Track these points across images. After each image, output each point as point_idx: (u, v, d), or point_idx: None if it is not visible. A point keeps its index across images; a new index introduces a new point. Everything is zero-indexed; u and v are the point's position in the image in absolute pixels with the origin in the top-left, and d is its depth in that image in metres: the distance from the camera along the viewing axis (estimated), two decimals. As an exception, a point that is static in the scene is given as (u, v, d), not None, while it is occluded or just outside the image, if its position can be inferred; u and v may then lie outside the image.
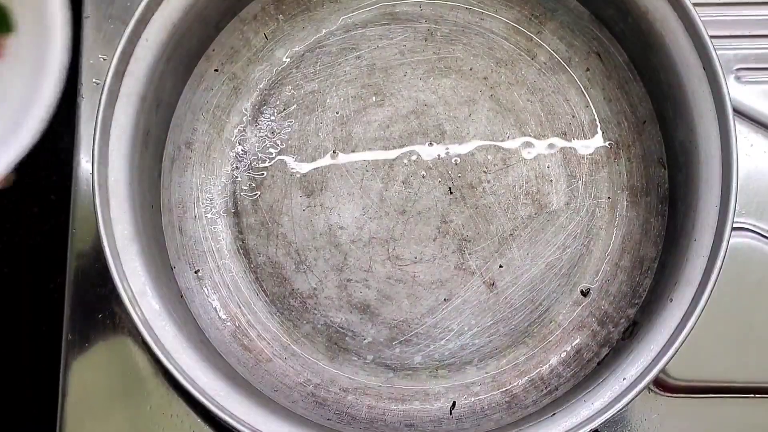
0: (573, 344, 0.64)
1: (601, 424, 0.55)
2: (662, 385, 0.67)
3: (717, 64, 0.56)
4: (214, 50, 0.66)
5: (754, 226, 0.68)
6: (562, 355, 0.63)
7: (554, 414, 0.55)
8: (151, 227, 0.62)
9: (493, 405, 0.63)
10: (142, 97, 0.59)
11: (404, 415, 0.63)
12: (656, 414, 0.67)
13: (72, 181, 0.71)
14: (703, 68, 0.57)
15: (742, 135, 0.69)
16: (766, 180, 0.69)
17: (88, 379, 0.68)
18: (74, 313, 0.69)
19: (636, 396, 0.54)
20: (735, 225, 0.67)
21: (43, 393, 0.78)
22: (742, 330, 0.67)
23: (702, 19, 0.68)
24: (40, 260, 0.82)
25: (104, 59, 0.71)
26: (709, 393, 0.67)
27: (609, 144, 0.66)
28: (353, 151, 0.66)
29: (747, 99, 0.70)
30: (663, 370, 0.66)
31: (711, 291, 0.55)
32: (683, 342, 0.54)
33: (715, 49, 0.57)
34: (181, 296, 0.63)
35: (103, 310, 0.69)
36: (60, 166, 0.83)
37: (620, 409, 0.54)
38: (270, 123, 0.67)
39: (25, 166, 0.83)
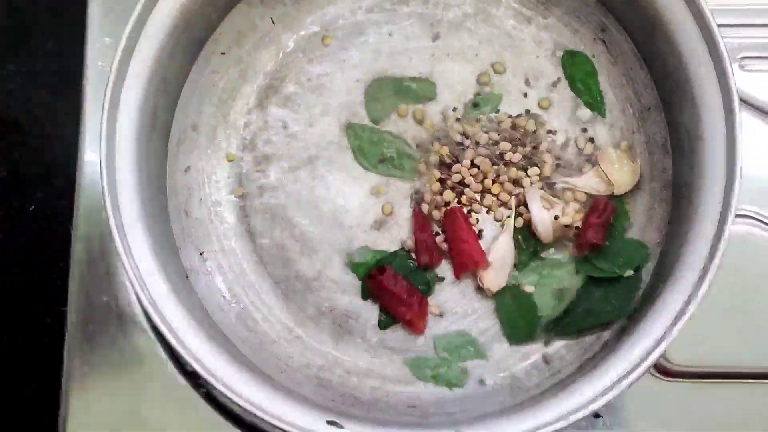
0: (576, 328, 0.64)
1: (603, 406, 0.55)
2: (663, 370, 0.67)
3: (724, 50, 0.57)
4: (221, 34, 0.67)
5: (756, 213, 0.68)
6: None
7: (558, 395, 0.56)
8: (157, 209, 0.62)
9: (497, 387, 0.63)
10: (150, 77, 0.60)
11: (408, 396, 0.63)
12: (657, 399, 0.67)
13: (77, 165, 0.71)
14: (710, 54, 0.58)
15: (746, 123, 0.68)
16: (769, 168, 0.69)
17: (91, 361, 0.69)
18: (78, 295, 0.69)
19: (639, 377, 0.54)
20: (738, 212, 0.68)
21: (46, 375, 0.78)
22: (742, 316, 0.68)
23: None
24: (43, 246, 0.82)
25: (110, 42, 0.72)
26: (709, 378, 0.67)
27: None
28: (359, 135, 0.67)
29: (751, 87, 0.70)
30: (664, 356, 0.66)
31: (714, 274, 0.55)
32: (685, 325, 0.55)
33: (721, 37, 0.57)
34: (187, 278, 0.63)
35: (107, 291, 0.69)
36: (63, 151, 0.83)
37: (623, 390, 0.54)
38: (276, 107, 0.67)
39: (29, 153, 0.83)
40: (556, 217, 0.63)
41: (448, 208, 0.65)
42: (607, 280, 0.63)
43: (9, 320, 0.81)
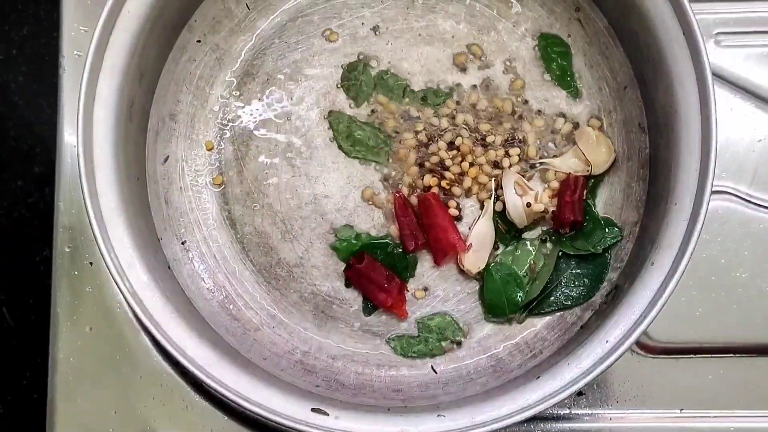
0: (557, 308, 0.65)
1: (585, 385, 0.56)
2: (644, 346, 0.68)
3: (696, 28, 0.57)
4: (196, 21, 0.66)
5: (733, 189, 0.69)
6: (547, 319, 0.64)
7: (539, 377, 0.56)
8: (137, 199, 0.62)
9: (479, 369, 0.64)
10: (125, 69, 0.60)
11: (392, 380, 0.64)
12: (638, 375, 0.68)
13: (56, 153, 0.71)
14: (683, 32, 0.58)
15: (722, 98, 0.70)
16: (745, 143, 0.69)
17: (78, 352, 0.69)
18: (62, 286, 0.69)
19: (618, 358, 0.55)
20: (714, 188, 0.68)
21: (32, 366, 0.79)
22: (721, 291, 0.68)
23: (682, -18, 0.68)
24: (26, 234, 0.82)
25: (85, 31, 0.71)
26: (689, 354, 0.68)
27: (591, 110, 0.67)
28: (337, 121, 0.67)
29: (726, 63, 0.70)
30: (644, 332, 0.67)
31: (691, 254, 0.55)
32: (664, 305, 0.55)
33: (694, 14, 0.57)
34: (169, 267, 0.63)
35: (91, 282, 0.69)
36: (43, 138, 0.83)
37: (602, 371, 0.55)
38: (253, 93, 0.67)
39: (8, 140, 0.83)
40: (528, 204, 0.63)
41: (420, 194, 0.65)
42: (577, 260, 0.64)
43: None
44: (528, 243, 0.65)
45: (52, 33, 0.82)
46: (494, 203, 0.65)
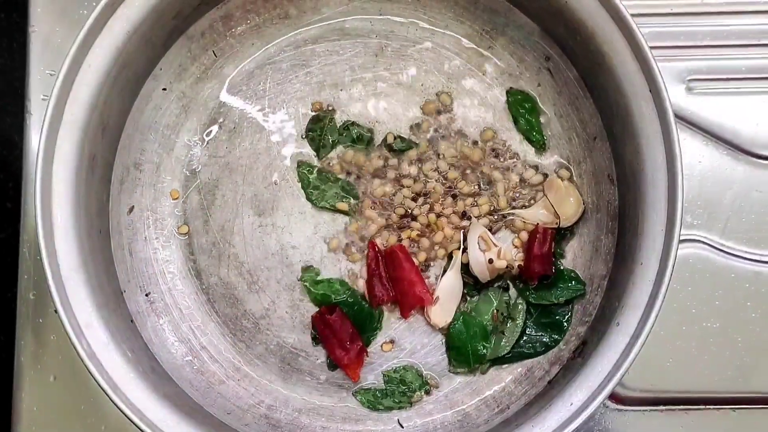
0: (525, 362, 0.64)
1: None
2: (615, 397, 0.67)
3: (663, 88, 0.56)
4: (161, 69, 0.65)
5: (705, 237, 0.68)
6: (514, 374, 0.64)
7: (504, 440, 0.56)
8: (100, 253, 0.61)
9: (446, 424, 0.63)
10: (86, 123, 0.59)
11: (358, 435, 0.63)
12: (606, 426, 0.67)
13: (21, 200, 0.70)
14: (650, 91, 0.57)
15: (693, 146, 0.69)
16: (717, 191, 0.69)
17: (42, 401, 0.68)
18: (26, 335, 0.68)
19: (583, 421, 0.54)
20: (686, 237, 0.68)
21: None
22: (692, 341, 0.68)
23: (654, 29, 0.68)
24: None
25: (51, 74, 0.70)
26: (658, 404, 0.67)
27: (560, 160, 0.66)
28: (305, 170, 0.66)
29: (698, 109, 0.70)
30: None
31: (656, 316, 0.55)
32: (630, 367, 0.55)
33: (661, 73, 0.56)
34: (132, 321, 0.62)
35: (56, 330, 0.68)
36: (14, 174, 0.82)
37: (568, 434, 0.55)
38: (220, 141, 0.66)
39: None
40: (490, 261, 0.62)
41: (386, 248, 0.64)
42: (539, 310, 0.64)
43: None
44: (491, 293, 0.64)
45: (24, 68, 0.82)
46: (462, 255, 0.64)
